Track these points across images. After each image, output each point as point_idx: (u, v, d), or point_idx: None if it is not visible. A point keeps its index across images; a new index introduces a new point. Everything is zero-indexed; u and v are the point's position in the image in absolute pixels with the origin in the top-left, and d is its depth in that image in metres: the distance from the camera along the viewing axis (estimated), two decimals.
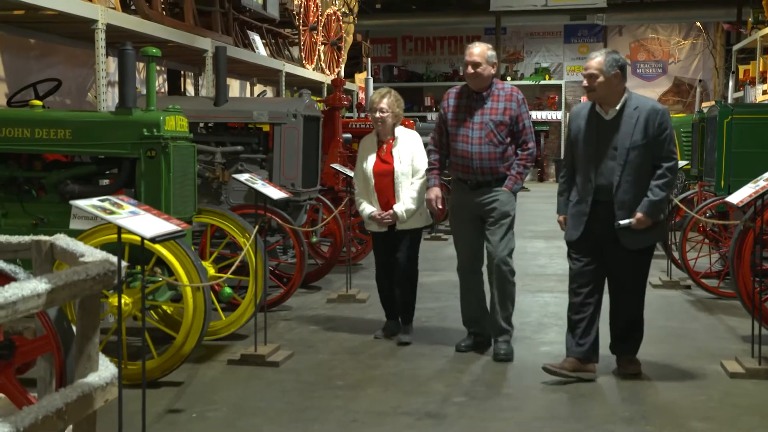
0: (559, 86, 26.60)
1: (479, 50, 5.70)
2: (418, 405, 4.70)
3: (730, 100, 13.42)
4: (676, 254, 8.45)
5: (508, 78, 26.20)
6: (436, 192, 5.85)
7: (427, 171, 6.00)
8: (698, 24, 25.20)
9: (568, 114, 27.01)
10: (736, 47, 17.34)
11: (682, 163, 9.52)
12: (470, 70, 5.67)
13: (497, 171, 5.65)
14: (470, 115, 5.71)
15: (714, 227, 8.29)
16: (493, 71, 5.72)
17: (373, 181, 6.09)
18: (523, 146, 5.70)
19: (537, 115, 26.27)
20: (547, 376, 5.10)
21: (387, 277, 6.28)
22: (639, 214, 4.99)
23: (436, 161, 5.91)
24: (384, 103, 6.06)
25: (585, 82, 5.17)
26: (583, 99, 26.69)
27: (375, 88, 7.68)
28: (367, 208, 6.11)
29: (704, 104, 13.81)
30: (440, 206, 5.88)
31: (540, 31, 26.83)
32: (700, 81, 25.55)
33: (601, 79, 5.05)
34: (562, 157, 26.32)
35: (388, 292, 6.32)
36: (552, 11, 22.67)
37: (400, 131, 6.14)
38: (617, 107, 5.09)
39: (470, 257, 5.85)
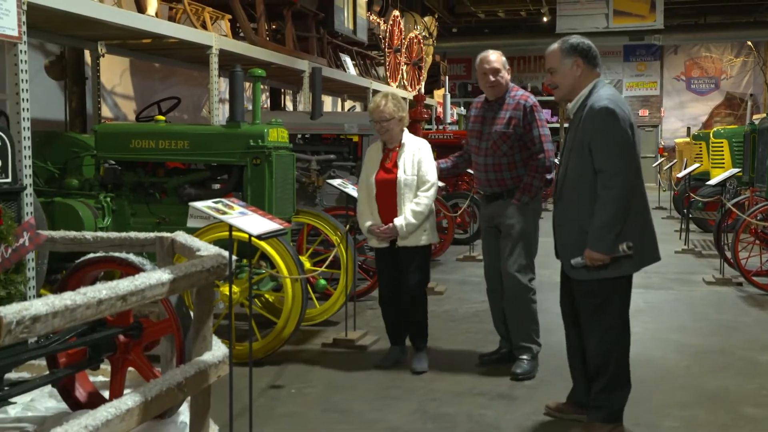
0: None
1: (496, 56, 4.91)
2: (491, 386, 4.65)
3: None
4: (728, 254, 8.17)
5: None
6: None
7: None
8: (749, 43, 24.32)
9: None
10: None
11: (734, 170, 9.26)
12: (491, 78, 4.86)
13: (504, 183, 4.85)
14: (482, 124, 4.94)
15: (765, 229, 7.99)
16: (509, 77, 4.94)
17: (375, 190, 4.96)
18: (533, 156, 4.79)
19: None
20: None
21: (391, 299, 5.08)
22: (586, 249, 3.63)
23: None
24: (386, 111, 4.90)
25: (547, 81, 3.97)
26: (642, 113, 26.13)
27: (452, 103, 7.52)
28: (367, 221, 5.00)
29: (755, 117, 13.28)
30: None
31: (601, 51, 25.81)
32: (750, 95, 24.67)
33: (560, 72, 3.80)
34: None
35: (392, 317, 5.14)
36: (612, 33, 22.12)
37: (407, 138, 5.00)
38: (573, 103, 3.79)
39: (491, 268, 5.02)
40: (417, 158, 4.91)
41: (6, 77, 4.39)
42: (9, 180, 3.32)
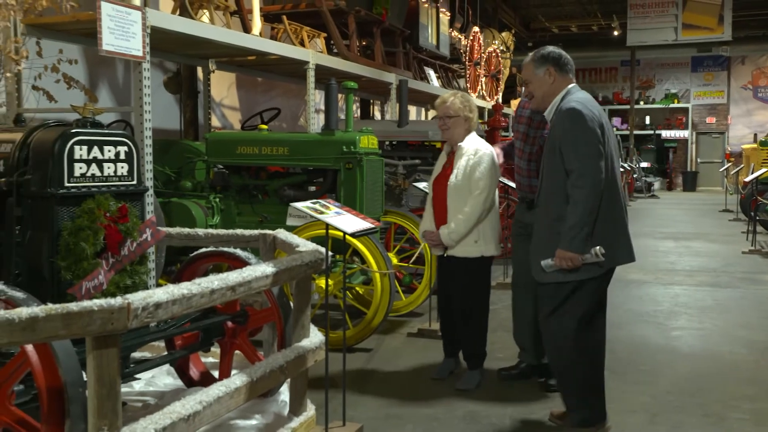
0: (686, 109, 25.17)
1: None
2: None
3: None
4: None
5: (641, 102, 25.00)
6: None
7: None
8: None
9: (694, 132, 25.32)
10: None
11: None
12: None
13: None
14: (528, 126, 4.35)
15: None
16: None
17: (431, 194, 4.43)
18: None
19: (666, 133, 25.06)
20: (677, 354, 4.80)
21: (444, 309, 4.50)
22: (558, 249, 3.34)
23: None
24: (451, 107, 4.29)
25: (524, 93, 3.75)
26: (709, 120, 25.18)
27: None
28: (425, 225, 4.45)
29: None
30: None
31: (670, 62, 25.46)
32: None
33: (533, 82, 3.59)
34: (688, 169, 24.91)
35: (445, 327, 4.56)
36: (681, 45, 21.41)
37: (467, 142, 4.30)
38: (548, 110, 3.57)
39: (522, 274, 4.28)
40: (471, 163, 4.21)
41: (132, 92, 4.55)
42: (134, 182, 3.44)
